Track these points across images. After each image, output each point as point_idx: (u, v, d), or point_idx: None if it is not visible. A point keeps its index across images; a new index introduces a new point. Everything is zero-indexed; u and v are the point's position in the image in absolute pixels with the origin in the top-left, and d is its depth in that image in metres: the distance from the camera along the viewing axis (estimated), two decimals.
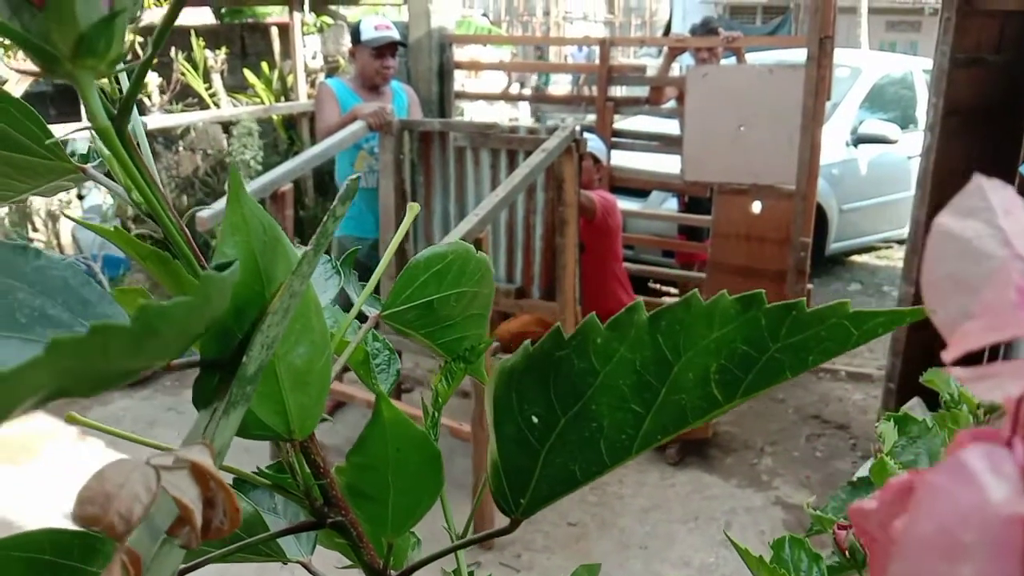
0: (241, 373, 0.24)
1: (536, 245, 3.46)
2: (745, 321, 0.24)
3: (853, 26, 14.89)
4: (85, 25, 0.24)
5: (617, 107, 4.75)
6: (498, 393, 0.26)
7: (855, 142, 5.86)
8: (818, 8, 4.04)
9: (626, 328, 0.24)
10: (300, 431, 0.29)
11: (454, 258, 0.37)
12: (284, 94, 5.48)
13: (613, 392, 0.25)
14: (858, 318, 0.23)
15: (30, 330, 0.23)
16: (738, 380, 0.24)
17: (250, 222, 0.27)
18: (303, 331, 0.28)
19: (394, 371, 0.42)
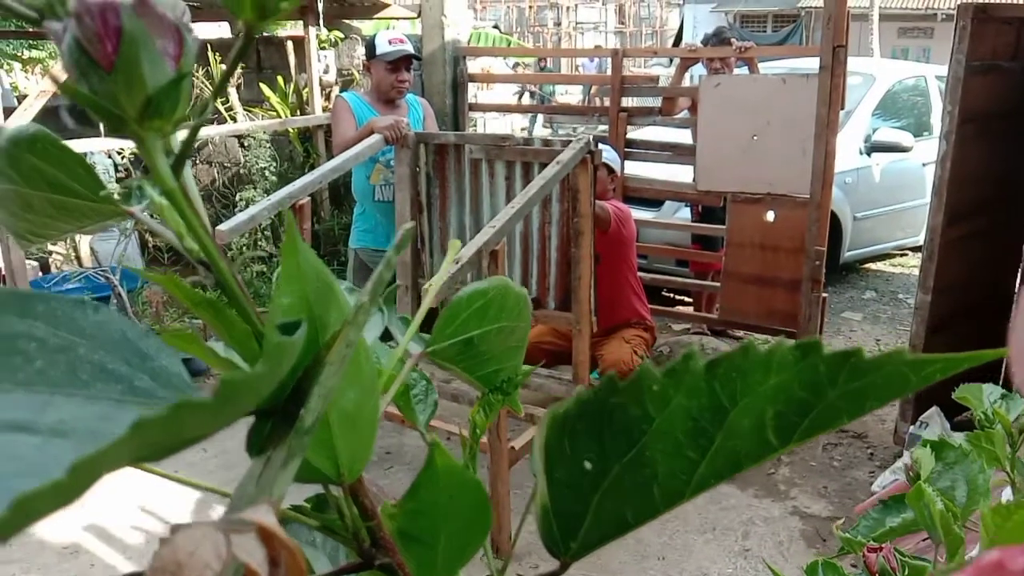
0: (299, 425, 0.24)
1: (551, 256, 3.46)
2: (803, 368, 0.24)
3: (865, 33, 14.86)
4: (153, 88, 0.24)
5: (630, 117, 4.75)
6: (550, 439, 0.26)
7: (868, 150, 5.84)
8: (831, 17, 4.04)
9: (682, 375, 0.24)
10: (349, 474, 0.29)
11: (495, 294, 0.38)
12: (300, 107, 5.51)
13: (668, 439, 0.25)
14: (917, 364, 0.23)
15: (92, 386, 0.23)
16: (794, 425, 0.24)
17: (304, 270, 0.27)
18: (353, 375, 0.28)
19: (432, 401, 0.42)
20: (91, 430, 0.21)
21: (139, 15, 0.24)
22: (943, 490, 0.52)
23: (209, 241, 0.27)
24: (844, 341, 5.06)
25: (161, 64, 0.25)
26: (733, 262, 4.46)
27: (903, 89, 6.48)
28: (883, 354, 0.24)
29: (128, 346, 0.24)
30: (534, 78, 10.89)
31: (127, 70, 0.24)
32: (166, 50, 0.25)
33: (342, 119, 3.68)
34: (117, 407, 0.22)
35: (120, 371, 0.24)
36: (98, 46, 0.24)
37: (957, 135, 3.14)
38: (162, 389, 0.24)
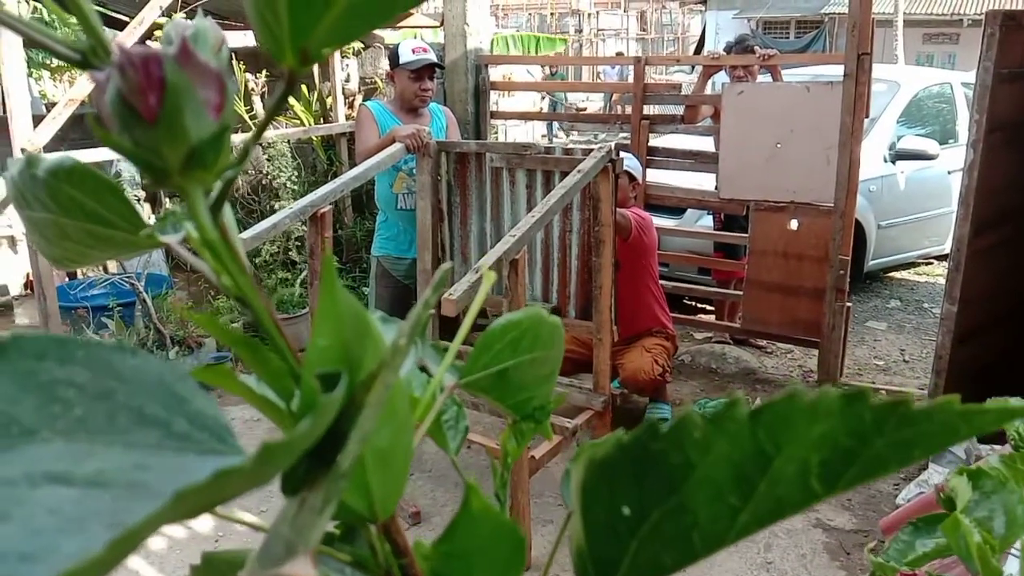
0: (335, 470, 0.23)
1: (572, 264, 3.45)
2: (849, 416, 0.23)
3: (889, 39, 14.74)
4: (196, 139, 0.24)
5: (652, 125, 4.74)
6: (587, 482, 0.25)
7: (893, 158, 5.79)
8: (856, 24, 4.01)
9: (726, 422, 0.24)
10: (383, 512, 0.29)
11: (529, 325, 0.37)
12: (323, 116, 5.54)
13: (710, 486, 0.24)
14: (967, 415, 0.23)
15: (130, 433, 0.23)
16: (839, 473, 0.24)
17: (341, 311, 0.27)
18: (388, 413, 0.28)
19: (463, 428, 0.42)
20: (129, 480, 0.21)
21: (182, 66, 0.24)
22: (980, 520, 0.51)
23: (246, 280, 0.27)
24: (868, 351, 5.01)
25: (204, 115, 0.24)
26: (756, 270, 4.43)
27: (928, 96, 6.42)
28: (933, 404, 0.23)
29: (165, 389, 0.24)
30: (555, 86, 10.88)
31: (170, 122, 0.24)
32: (208, 100, 0.25)
33: (365, 128, 3.70)
34: (155, 454, 0.22)
35: (158, 415, 0.23)
36: (141, 98, 0.24)
37: (985, 143, 3.10)
38: (198, 432, 0.24)
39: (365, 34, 0.26)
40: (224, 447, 0.24)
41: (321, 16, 0.23)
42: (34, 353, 0.24)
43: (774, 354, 4.85)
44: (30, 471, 0.20)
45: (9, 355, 0.23)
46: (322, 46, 0.24)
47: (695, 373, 4.55)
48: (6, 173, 0.30)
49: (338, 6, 0.22)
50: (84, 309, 4.25)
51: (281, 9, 0.22)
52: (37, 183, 0.29)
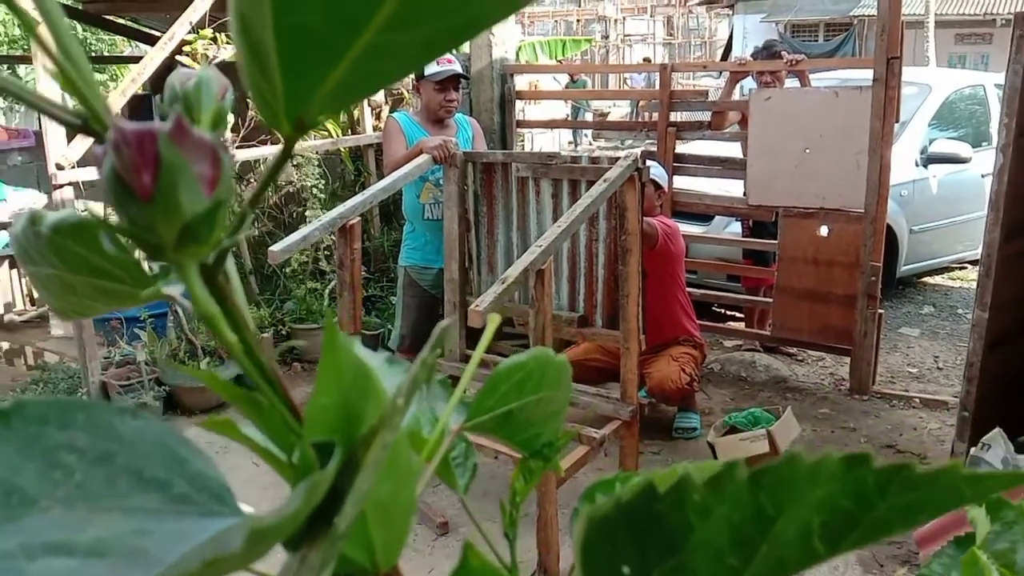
0: (334, 533, 0.24)
1: (599, 273, 3.44)
2: (851, 480, 0.23)
3: (920, 40, 14.55)
4: (190, 216, 0.25)
5: (679, 132, 4.72)
6: (588, 540, 0.25)
7: (925, 162, 5.71)
8: (885, 27, 3.97)
9: (725, 485, 0.24)
10: (385, 563, 0.29)
11: (535, 366, 0.37)
12: (351, 127, 5.58)
13: (710, 548, 0.24)
14: (973, 480, 0.22)
15: (131, 497, 0.23)
16: (842, 535, 0.23)
17: (343, 367, 0.27)
18: (390, 466, 0.28)
19: (471, 465, 0.42)
20: (128, 548, 0.21)
21: (176, 142, 0.24)
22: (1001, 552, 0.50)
23: (249, 336, 0.27)
24: (901, 358, 4.94)
25: (198, 191, 0.25)
26: (785, 277, 4.40)
27: (960, 98, 6.33)
28: (938, 468, 0.23)
29: (165, 451, 0.24)
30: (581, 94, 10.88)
31: (165, 200, 0.24)
32: (203, 175, 0.25)
33: (392, 139, 3.73)
34: (155, 518, 0.23)
35: (157, 477, 0.24)
36: (135, 176, 0.24)
37: (1015, 147, 3.05)
38: (198, 493, 0.24)
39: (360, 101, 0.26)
40: (224, 508, 0.24)
41: (317, 87, 0.23)
42: (36, 418, 0.24)
43: (805, 362, 4.80)
44: (28, 542, 0.21)
45: (11, 422, 0.24)
46: (319, 114, 0.24)
47: (725, 382, 4.51)
48: (11, 229, 0.31)
49: (333, 79, 0.23)
50: (117, 320, 4.31)
51: (276, 80, 0.23)
52: (41, 240, 0.29)
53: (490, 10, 0.21)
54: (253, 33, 0.21)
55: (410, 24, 0.21)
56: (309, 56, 0.22)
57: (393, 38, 0.21)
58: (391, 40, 0.21)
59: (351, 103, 0.25)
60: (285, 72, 0.22)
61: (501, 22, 0.24)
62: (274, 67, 0.22)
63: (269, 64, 0.22)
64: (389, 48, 0.22)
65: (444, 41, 0.23)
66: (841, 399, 4.26)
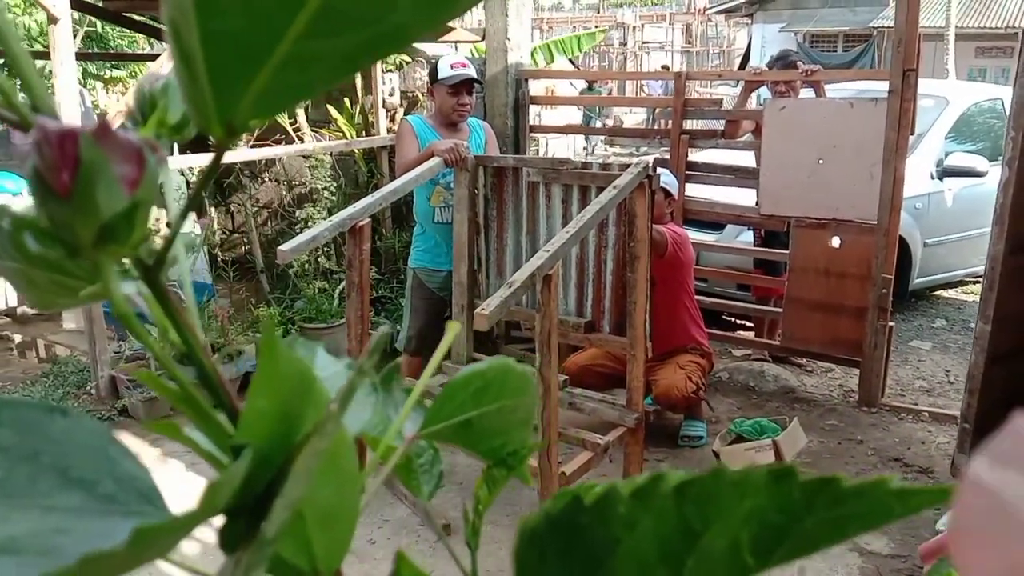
0: (260, 538, 0.23)
1: (607, 280, 3.44)
2: (778, 493, 0.23)
3: (940, 53, 14.46)
4: (107, 215, 0.25)
5: (692, 140, 4.71)
6: (520, 551, 0.25)
7: (941, 175, 5.67)
8: (901, 40, 3.95)
9: (650, 498, 0.24)
10: (326, 568, 0.29)
11: (494, 376, 0.37)
12: (365, 129, 5.60)
13: (637, 560, 0.24)
14: (901, 495, 0.22)
15: (53, 495, 0.23)
16: (771, 549, 0.23)
17: (283, 373, 0.27)
18: (331, 472, 0.28)
19: (437, 472, 0.42)
20: (43, 546, 0.21)
21: (98, 143, 0.24)
22: None
23: (192, 338, 0.28)
24: (911, 371, 4.90)
25: (117, 191, 0.25)
26: (796, 288, 4.37)
27: (979, 112, 6.29)
28: (866, 482, 0.23)
29: (94, 452, 0.25)
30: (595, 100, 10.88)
31: (82, 199, 0.24)
32: (124, 175, 0.25)
33: (405, 142, 3.74)
34: (76, 517, 0.23)
35: (84, 477, 0.24)
36: (55, 175, 0.24)
37: (1021, 162, 3.04)
38: (125, 494, 0.24)
39: (292, 107, 0.26)
40: (151, 509, 0.24)
41: (243, 92, 0.23)
42: None
43: (814, 372, 4.77)
44: None
45: None
46: (248, 119, 0.24)
47: (732, 391, 4.49)
48: None
49: (258, 84, 0.23)
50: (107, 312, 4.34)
51: (205, 85, 0.23)
52: (3, 234, 0.29)
53: (413, 22, 0.21)
54: (183, 39, 0.21)
55: (330, 33, 0.21)
56: (234, 62, 0.22)
57: (314, 46, 0.22)
58: (312, 48, 0.22)
59: (280, 109, 0.25)
60: (213, 77, 0.22)
61: (426, 34, 0.24)
62: (202, 72, 0.22)
63: (198, 69, 0.22)
64: (311, 56, 0.22)
65: (368, 51, 0.23)
66: (849, 411, 4.23)
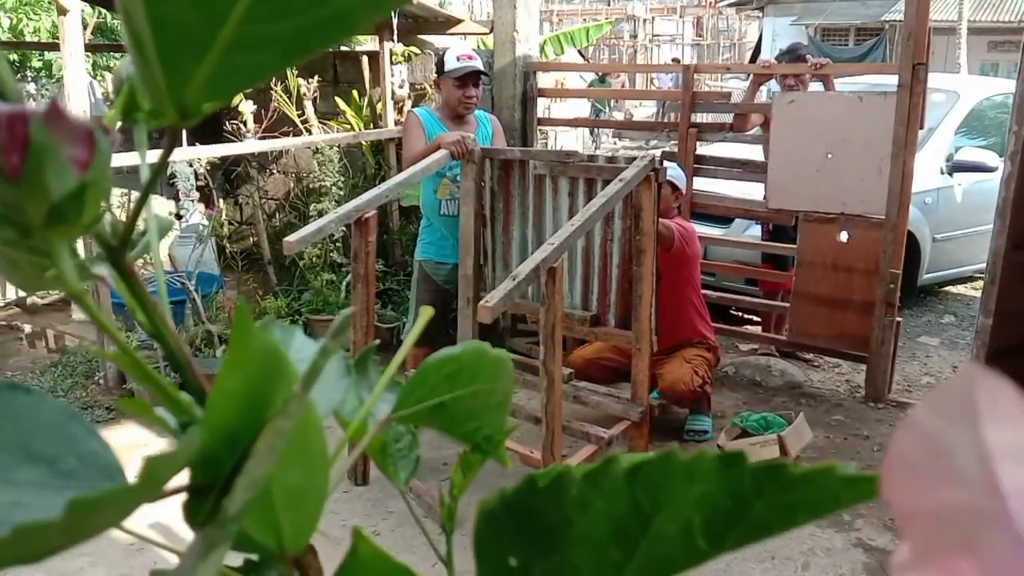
0: (222, 515, 0.24)
1: (612, 273, 3.44)
2: (728, 478, 0.23)
3: (952, 47, 14.36)
4: (57, 196, 0.25)
5: (700, 133, 4.69)
6: (479, 533, 0.25)
7: (951, 170, 5.63)
8: (911, 33, 3.92)
9: (602, 480, 0.24)
10: (294, 547, 0.29)
11: (468, 359, 0.37)
12: (373, 121, 5.61)
13: (590, 541, 0.24)
14: (849, 482, 0.22)
15: (13, 471, 0.23)
16: (723, 534, 0.23)
17: (253, 355, 0.27)
18: (300, 453, 0.28)
19: (414, 458, 0.42)
20: None
21: (48, 125, 0.24)
22: None
23: (157, 319, 0.28)
24: (919, 367, 4.88)
25: (67, 172, 0.25)
26: (804, 282, 4.36)
27: (990, 107, 6.24)
28: (813, 468, 0.23)
29: (57, 429, 0.25)
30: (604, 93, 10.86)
31: (32, 180, 0.24)
32: (74, 156, 0.25)
33: (412, 134, 3.74)
34: (34, 492, 0.23)
35: (45, 453, 0.24)
36: (4, 157, 0.24)
37: (1023, 156, 3.03)
38: (87, 470, 0.24)
39: (244, 90, 0.26)
40: (111, 485, 0.24)
41: (192, 76, 0.23)
42: None
43: (821, 368, 4.76)
44: None
45: None
46: (200, 102, 0.24)
47: (739, 385, 4.49)
48: None
49: (207, 68, 0.23)
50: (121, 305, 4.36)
51: (156, 69, 0.23)
52: None
53: (357, 6, 0.22)
54: (134, 23, 0.22)
55: (273, 18, 0.22)
56: (181, 46, 0.22)
57: (258, 30, 0.22)
58: (257, 32, 0.22)
59: (232, 93, 0.25)
60: (163, 61, 0.23)
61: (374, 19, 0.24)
62: (153, 56, 0.22)
63: (149, 53, 0.22)
64: (256, 40, 0.22)
65: (314, 36, 0.23)
66: (856, 406, 4.22)
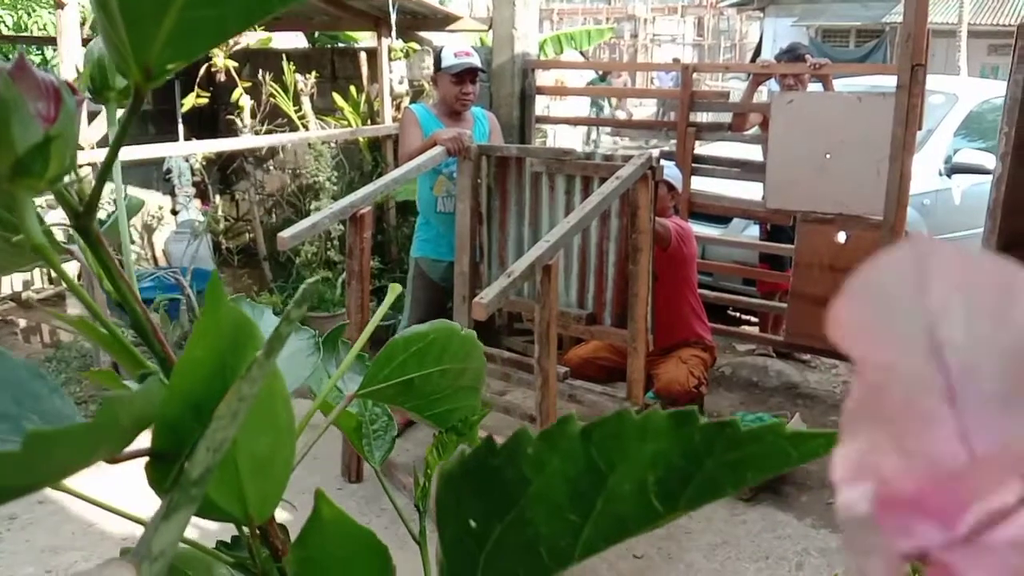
0: (184, 477, 0.24)
1: (609, 272, 3.44)
2: (680, 437, 0.23)
3: (952, 50, 14.36)
4: (22, 149, 0.25)
5: (699, 133, 4.69)
6: (440, 496, 0.25)
7: (949, 171, 5.64)
8: (910, 35, 3.93)
9: (558, 440, 0.24)
10: (259, 516, 0.30)
11: (436, 337, 0.37)
12: (371, 117, 5.61)
13: (548, 501, 0.24)
14: (796, 439, 0.22)
15: None
16: (677, 492, 0.24)
17: (223, 325, 0.27)
18: (267, 422, 0.28)
19: (390, 438, 0.42)
20: None
21: (14, 80, 0.25)
22: None
23: (124, 287, 0.28)
24: None
25: (33, 126, 0.25)
26: (801, 283, 4.36)
27: (989, 109, 6.24)
28: (762, 426, 0.23)
29: (20, 387, 0.25)
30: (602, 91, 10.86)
31: None
32: (40, 112, 0.25)
33: (408, 131, 3.74)
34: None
35: (9, 412, 0.24)
36: None
37: (1014, 157, 3.05)
38: None
39: (207, 51, 0.27)
40: None
41: (155, 35, 0.24)
42: None
43: (818, 368, 4.76)
44: None
45: None
46: (164, 62, 0.25)
47: (735, 386, 4.49)
48: None
49: (168, 26, 0.23)
50: None
51: (121, 29, 0.23)
52: None
53: None
54: None
55: None
56: (144, 6, 0.23)
57: None
58: None
59: (194, 52, 0.25)
60: (127, 21, 0.23)
61: None
62: (117, 16, 0.23)
63: (114, 14, 0.23)
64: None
65: None
66: None
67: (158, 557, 0.24)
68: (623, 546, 1.79)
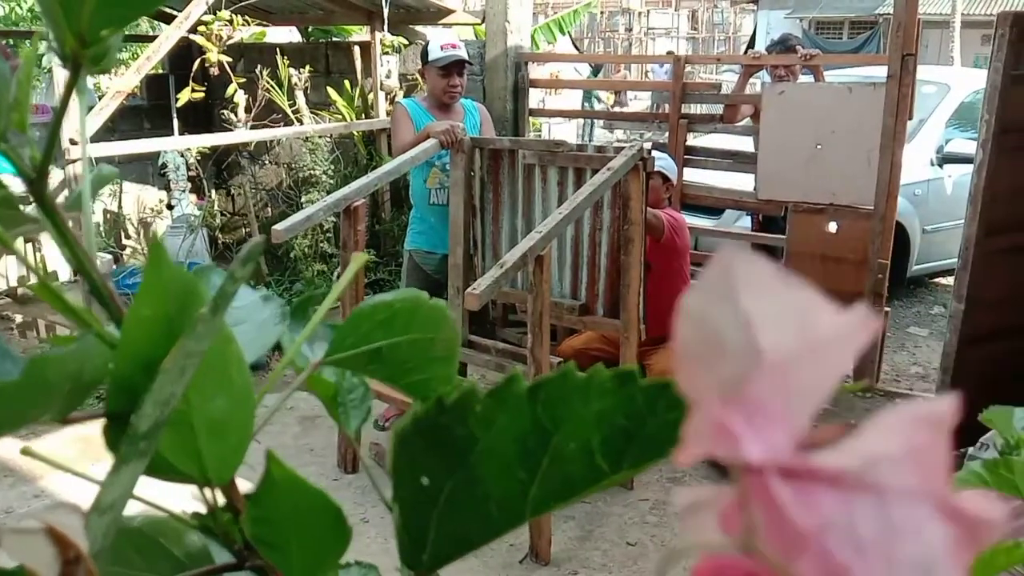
0: (131, 432, 0.25)
1: (601, 262, 3.44)
2: (623, 396, 0.24)
3: (946, 40, 14.37)
4: None
5: (691, 124, 4.70)
6: (395, 454, 0.26)
7: (941, 161, 5.65)
8: (901, 24, 3.93)
9: (505, 398, 0.25)
10: (218, 477, 0.30)
11: (402, 307, 0.38)
12: (365, 111, 5.60)
13: (496, 459, 0.25)
14: None
15: None
16: (621, 452, 0.24)
17: (168, 284, 0.28)
18: (221, 384, 0.29)
19: (366, 408, 0.43)
20: None
21: None
22: None
23: (81, 252, 0.29)
24: (907, 356, 4.91)
25: None
26: (792, 273, 4.37)
27: (981, 99, 6.25)
28: None
29: None
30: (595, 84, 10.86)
31: None
32: None
33: (400, 125, 3.74)
34: None
35: None
36: None
37: (995, 145, 3.06)
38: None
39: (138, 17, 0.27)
40: None
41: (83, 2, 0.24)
42: None
43: None
44: None
45: None
46: (97, 29, 0.25)
47: None
48: None
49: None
50: (125, 296, 4.36)
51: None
52: None
53: None
54: None
55: None
56: None
57: None
58: None
59: (126, 19, 0.26)
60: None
61: None
62: None
63: None
64: None
65: None
66: (844, 396, 4.24)
67: (107, 510, 0.24)
68: (615, 532, 1.82)
